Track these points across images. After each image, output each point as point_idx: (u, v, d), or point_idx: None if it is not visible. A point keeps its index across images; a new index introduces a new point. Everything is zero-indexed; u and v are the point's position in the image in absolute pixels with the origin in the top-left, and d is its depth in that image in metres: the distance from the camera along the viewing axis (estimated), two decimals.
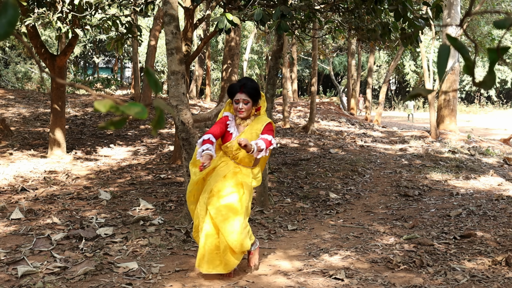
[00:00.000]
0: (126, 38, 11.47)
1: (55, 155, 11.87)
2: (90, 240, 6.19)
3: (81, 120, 17.76)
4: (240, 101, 5.10)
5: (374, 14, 8.71)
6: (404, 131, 20.84)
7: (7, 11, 1.12)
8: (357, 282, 4.87)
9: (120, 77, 50.86)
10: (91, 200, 8.44)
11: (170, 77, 7.00)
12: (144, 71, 1.37)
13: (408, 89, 52.79)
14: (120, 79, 48.11)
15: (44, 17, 9.62)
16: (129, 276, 4.99)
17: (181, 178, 10.17)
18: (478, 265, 5.29)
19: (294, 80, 33.34)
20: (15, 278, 4.86)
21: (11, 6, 1.13)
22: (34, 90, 26.60)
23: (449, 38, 1.35)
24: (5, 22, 1.12)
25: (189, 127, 6.95)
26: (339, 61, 49.82)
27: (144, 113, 1.25)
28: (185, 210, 7.14)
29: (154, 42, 19.88)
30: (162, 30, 20.19)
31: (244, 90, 5.09)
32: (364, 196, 9.24)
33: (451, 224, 7.03)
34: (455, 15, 18.72)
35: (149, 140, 15.04)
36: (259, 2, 8.94)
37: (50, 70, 11.76)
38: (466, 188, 9.63)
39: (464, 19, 1.36)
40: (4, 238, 6.24)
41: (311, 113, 18.07)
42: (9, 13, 1.12)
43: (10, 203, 8.07)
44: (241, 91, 5.09)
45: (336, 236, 6.71)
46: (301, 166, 11.62)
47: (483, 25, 27.66)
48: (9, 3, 1.13)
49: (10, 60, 32.01)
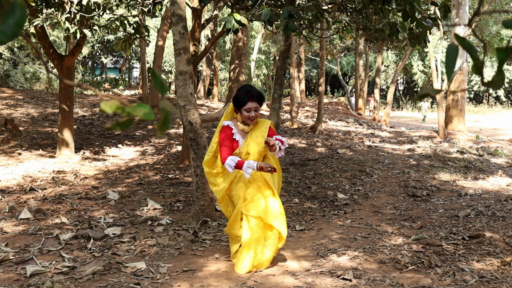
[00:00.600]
0: (134, 38, 11.50)
1: (64, 155, 11.91)
2: (98, 240, 6.20)
3: (89, 120, 17.80)
4: (251, 110, 5.24)
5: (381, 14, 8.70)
6: (412, 131, 20.79)
7: (15, 12, 1.12)
8: (365, 283, 4.86)
9: (128, 77, 50.92)
10: (99, 200, 8.46)
11: (178, 77, 7.01)
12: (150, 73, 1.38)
13: (416, 89, 52.61)
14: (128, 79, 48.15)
15: (52, 18, 9.65)
16: (137, 276, 5.00)
17: (189, 178, 10.18)
18: (487, 266, 5.26)
19: (302, 80, 33.30)
20: (24, 277, 4.88)
21: (19, 7, 1.13)
22: (43, 91, 26.69)
23: (457, 38, 1.34)
24: (12, 23, 1.12)
25: (196, 127, 6.96)
26: (346, 61, 49.71)
27: (151, 115, 1.25)
28: (193, 210, 7.14)
29: (161, 43, 19.92)
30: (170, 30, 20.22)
31: (253, 98, 5.23)
32: (372, 197, 9.22)
33: (460, 225, 7.00)
34: (464, 15, 18.65)
35: (157, 140, 15.06)
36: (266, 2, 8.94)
37: (58, 71, 11.80)
38: (474, 189, 9.59)
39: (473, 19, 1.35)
40: (13, 238, 6.27)
41: (319, 113, 18.04)
42: (17, 14, 1.12)
43: (19, 203, 8.11)
44: (251, 99, 5.22)
45: (344, 237, 6.69)
46: (309, 166, 11.60)
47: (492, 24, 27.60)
48: (16, 4, 1.13)
49: (18, 61, 32.12)
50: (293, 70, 20.77)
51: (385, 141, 16.76)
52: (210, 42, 10.99)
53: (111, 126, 1.29)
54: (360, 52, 29.96)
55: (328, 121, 21.71)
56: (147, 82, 21.75)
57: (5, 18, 1.12)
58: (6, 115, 17.22)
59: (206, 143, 7.12)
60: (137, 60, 49.18)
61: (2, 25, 1.12)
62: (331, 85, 54.79)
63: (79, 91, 26.11)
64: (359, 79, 30.14)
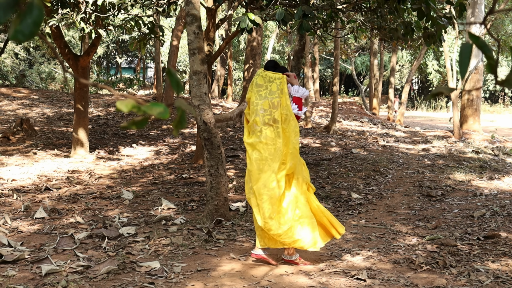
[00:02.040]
0: (148, 38, 11.54)
1: (78, 154, 11.98)
2: (113, 239, 6.23)
3: (104, 120, 17.90)
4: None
5: (396, 13, 8.67)
6: (427, 131, 20.69)
7: (32, 11, 1.14)
8: (379, 283, 4.85)
9: (143, 77, 51.11)
10: (113, 200, 8.50)
11: (192, 77, 7.03)
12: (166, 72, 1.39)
13: (431, 89, 52.35)
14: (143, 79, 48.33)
15: (67, 18, 9.71)
16: (151, 275, 5.02)
17: (203, 177, 10.20)
18: (502, 266, 5.23)
19: (316, 80, 33.22)
20: (39, 276, 4.91)
21: (36, 7, 1.14)
22: (58, 90, 26.87)
23: (471, 37, 1.34)
24: (30, 22, 1.13)
25: (211, 127, 6.97)
26: (361, 60, 49.57)
27: (166, 113, 1.26)
28: (207, 209, 7.16)
29: (176, 42, 19.97)
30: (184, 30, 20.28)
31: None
32: (386, 196, 9.19)
33: (475, 225, 6.97)
34: (479, 14, 18.54)
35: (171, 140, 15.10)
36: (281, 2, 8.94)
37: (73, 71, 11.87)
38: (490, 189, 9.53)
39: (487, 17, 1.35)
40: (28, 237, 6.31)
41: (333, 113, 18.01)
42: (34, 13, 1.14)
43: (34, 202, 8.16)
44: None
45: (358, 236, 6.68)
46: (323, 166, 11.59)
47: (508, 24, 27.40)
48: (34, 4, 1.14)
49: (34, 61, 32.32)
50: (308, 70, 20.76)
51: (399, 141, 16.69)
52: (224, 42, 11.01)
53: (126, 125, 1.30)
54: (375, 51, 29.86)
55: (342, 120, 21.67)
56: (161, 81, 21.83)
57: (22, 18, 1.13)
58: (21, 115, 17.35)
59: (220, 142, 7.13)
60: (152, 60, 49.40)
61: (20, 24, 1.13)
62: (345, 85, 54.68)
63: (94, 91, 26.27)
64: (373, 79, 30.06)
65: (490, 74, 1.29)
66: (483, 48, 1.34)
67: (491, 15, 3.48)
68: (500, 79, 1.34)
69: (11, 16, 1.14)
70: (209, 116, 7.00)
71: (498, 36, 26.16)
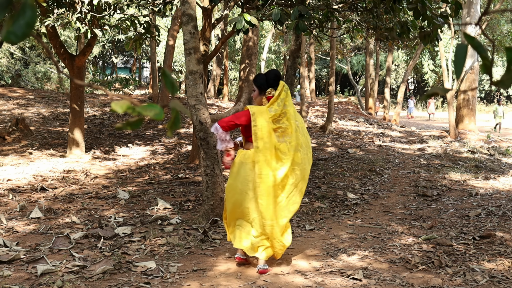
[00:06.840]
0: (144, 38, 11.53)
1: (74, 154, 11.96)
2: (109, 239, 6.23)
3: (100, 120, 17.87)
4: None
5: (392, 13, 8.67)
6: (423, 131, 20.72)
7: (25, 12, 1.13)
8: (375, 282, 4.86)
9: (138, 77, 51.10)
10: (109, 200, 8.49)
11: (188, 76, 7.03)
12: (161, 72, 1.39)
13: (426, 89, 52.42)
14: (138, 79, 48.31)
15: (63, 18, 9.69)
16: (147, 275, 5.02)
17: (199, 177, 10.20)
18: (498, 266, 5.24)
19: (312, 80, 33.25)
20: (35, 276, 4.91)
21: (30, 8, 1.14)
22: (54, 90, 26.82)
23: (466, 37, 1.34)
24: (23, 23, 1.13)
25: (207, 126, 6.97)
26: (357, 60, 49.63)
27: (161, 115, 1.25)
28: (203, 209, 7.15)
29: (172, 42, 19.94)
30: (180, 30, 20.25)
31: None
32: (382, 196, 9.20)
33: (470, 225, 6.98)
34: (475, 14, 18.56)
35: (167, 139, 15.09)
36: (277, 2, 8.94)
37: (69, 70, 11.86)
38: (485, 188, 9.55)
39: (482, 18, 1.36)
40: (24, 237, 6.30)
41: (329, 112, 18.02)
42: (27, 14, 1.13)
43: (30, 202, 8.15)
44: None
45: (354, 236, 6.68)
46: (319, 166, 11.59)
47: (503, 24, 27.45)
48: (27, 4, 1.14)
49: (29, 60, 32.26)
50: (303, 70, 20.75)
51: (395, 141, 16.71)
52: (220, 41, 11.00)
53: (121, 126, 1.30)
54: (371, 51, 29.90)
55: (338, 120, 21.68)
56: (157, 81, 21.80)
57: (15, 19, 1.13)
58: (17, 115, 17.32)
59: (216, 142, 7.13)
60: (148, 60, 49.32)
61: (12, 25, 1.12)
62: (341, 85, 54.75)
63: (90, 90, 26.22)
64: (369, 79, 30.09)
65: (485, 74, 1.29)
66: (478, 49, 1.34)
67: (486, 15, 3.48)
68: (495, 80, 1.34)
69: (4, 16, 1.14)
70: (205, 116, 7.00)
71: (494, 36, 26.22)
